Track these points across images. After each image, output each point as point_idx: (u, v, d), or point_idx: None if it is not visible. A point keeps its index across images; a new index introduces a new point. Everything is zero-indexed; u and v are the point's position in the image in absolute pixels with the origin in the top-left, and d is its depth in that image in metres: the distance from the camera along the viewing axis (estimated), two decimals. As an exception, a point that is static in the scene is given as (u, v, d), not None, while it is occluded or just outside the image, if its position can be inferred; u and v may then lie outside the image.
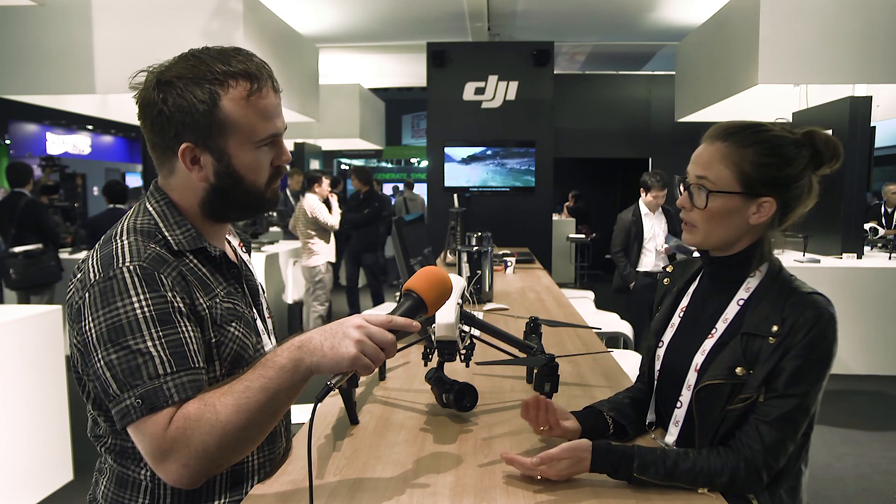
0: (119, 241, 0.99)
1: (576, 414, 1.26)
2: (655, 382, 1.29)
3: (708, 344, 1.17)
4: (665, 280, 1.38)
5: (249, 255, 1.28)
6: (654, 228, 4.66)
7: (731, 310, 1.17)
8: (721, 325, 1.17)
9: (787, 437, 1.07)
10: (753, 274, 1.18)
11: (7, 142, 14.03)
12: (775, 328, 1.08)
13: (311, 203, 5.48)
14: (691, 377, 1.17)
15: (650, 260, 4.65)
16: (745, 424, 1.09)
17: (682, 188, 1.21)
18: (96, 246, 1.02)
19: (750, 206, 1.15)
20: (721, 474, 1.06)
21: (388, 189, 15.05)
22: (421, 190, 11.90)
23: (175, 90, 0.98)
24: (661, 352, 1.28)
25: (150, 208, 1.05)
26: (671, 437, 1.21)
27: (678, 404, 1.20)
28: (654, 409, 1.31)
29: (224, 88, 0.99)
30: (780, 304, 1.11)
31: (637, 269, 4.67)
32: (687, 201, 1.19)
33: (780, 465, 1.09)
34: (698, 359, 1.17)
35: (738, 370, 1.10)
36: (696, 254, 1.30)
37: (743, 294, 1.17)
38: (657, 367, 1.28)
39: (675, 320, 1.28)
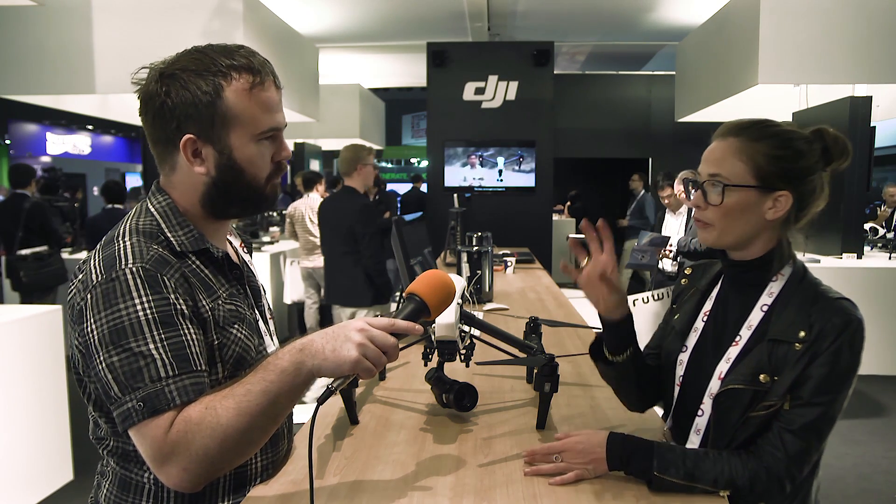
0: (121, 242, 0.99)
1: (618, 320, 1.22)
2: (677, 389, 1.25)
3: (733, 352, 1.14)
4: (683, 280, 1.36)
5: (251, 256, 1.27)
6: (670, 229, 4.60)
7: (755, 316, 1.15)
8: (745, 332, 1.15)
9: (812, 447, 1.06)
10: (776, 278, 1.16)
11: (7, 142, 14.02)
12: (802, 334, 1.06)
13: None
14: (714, 385, 1.15)
15: (667, 262, 4.40)
16: (767, 431, 1.07)
17: (691, 188, 1.20)
18: (98, 247, 1.01)
19: (766, 201, 1.13)
20: (741, 477, 1.04)
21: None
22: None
23: (178, 82, 0.98)
24: (684, 357, 1.24)
25: (153, 209, 1.05)
26: (692, 445, 1.18)
27: (699, 412, 1.17)
28: (674, 414, 1.27)
29: (227, 80, 0.99)
30: (806, 309, 1.09)
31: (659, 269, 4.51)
32: (701, 200, 1.16)
33: (803, 475, 1.08)
34: (723, 366, 1.14)
35: (762, 377, 1.07)
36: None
37: (766, 299, 1.15)
38: (680, 372, 1.25)
39: (699, 324, 1.25)
